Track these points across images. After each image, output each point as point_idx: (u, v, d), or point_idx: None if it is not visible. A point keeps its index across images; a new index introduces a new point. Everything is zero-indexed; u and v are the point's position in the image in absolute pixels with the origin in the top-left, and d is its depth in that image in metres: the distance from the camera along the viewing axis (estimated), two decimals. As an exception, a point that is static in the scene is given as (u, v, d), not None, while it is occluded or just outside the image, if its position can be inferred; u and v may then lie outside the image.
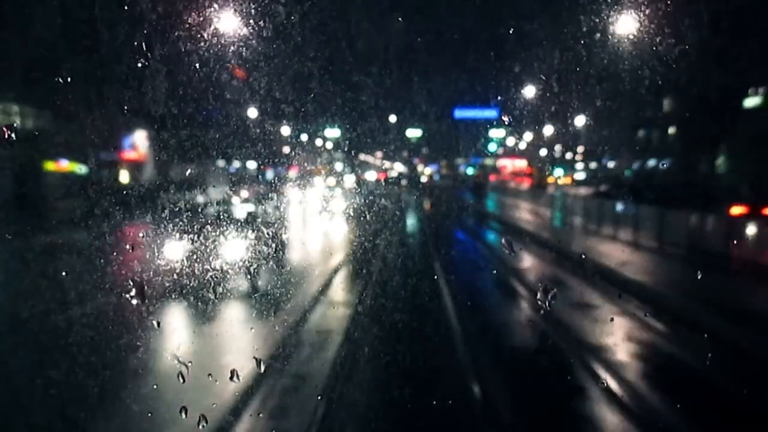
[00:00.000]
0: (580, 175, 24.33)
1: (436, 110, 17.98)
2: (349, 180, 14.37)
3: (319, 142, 15.63)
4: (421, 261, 11.06)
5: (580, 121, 17.82)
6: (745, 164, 16.78)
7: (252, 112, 9.58)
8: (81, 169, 13.68)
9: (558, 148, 25.87)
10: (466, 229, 17.32)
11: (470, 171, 24.80)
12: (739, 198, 13.04)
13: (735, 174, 17.45)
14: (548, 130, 20.60)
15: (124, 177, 14.89)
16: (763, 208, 11.95)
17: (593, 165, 28.42)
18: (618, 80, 8.61)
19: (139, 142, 17.19)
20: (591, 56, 7.46)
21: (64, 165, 14.51)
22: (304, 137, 13.71)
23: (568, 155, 27.31)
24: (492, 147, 22.61)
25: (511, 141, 25.08)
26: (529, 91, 9.87)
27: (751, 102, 18.10)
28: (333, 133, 14.56)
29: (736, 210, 12.54)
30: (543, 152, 26.34)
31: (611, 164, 27.09)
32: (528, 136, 23.82)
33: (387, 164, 22.04)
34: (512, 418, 5.36)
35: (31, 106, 12.98)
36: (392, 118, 16.07)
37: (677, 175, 18.94)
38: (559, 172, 22.54)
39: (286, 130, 12.11)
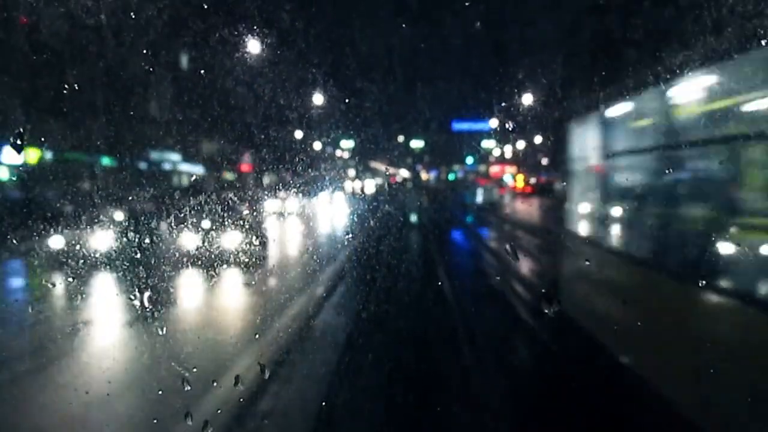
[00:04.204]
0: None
1: (440, 117, 23.59)
2: (371, 183, 21.77)
3: (337, 152, 18.51)
4: (420, 208, 24.31)
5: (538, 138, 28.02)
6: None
7: (298, 133, 12.04)
8: (231, 176, 19.56)
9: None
10: (440, 203, 30.26)
11: (451, 177, 34.21)
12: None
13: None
14: (521, 144, 29.25)
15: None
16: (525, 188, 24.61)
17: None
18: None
19: (246, 159, 23.73)
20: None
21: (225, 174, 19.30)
22: (328, 149, 17.10)
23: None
24: (469, 160, 31.46)
25: (502, 149, 30.23)
26: (501, 112, 10.67)
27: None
28: (348, 144, 17.51)
29: (519, 185, 25.16)
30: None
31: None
32: (508, 147, 29.79)
33: (393, 170, 25.66)
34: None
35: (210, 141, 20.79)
36: (400, 138, 22.68)
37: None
38: (508, 179, 30.49)
39: (318, 145, 15.97)
